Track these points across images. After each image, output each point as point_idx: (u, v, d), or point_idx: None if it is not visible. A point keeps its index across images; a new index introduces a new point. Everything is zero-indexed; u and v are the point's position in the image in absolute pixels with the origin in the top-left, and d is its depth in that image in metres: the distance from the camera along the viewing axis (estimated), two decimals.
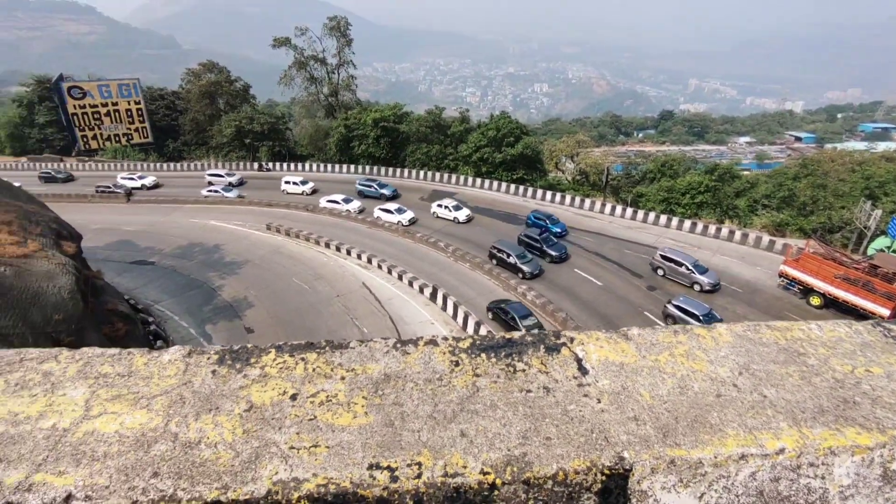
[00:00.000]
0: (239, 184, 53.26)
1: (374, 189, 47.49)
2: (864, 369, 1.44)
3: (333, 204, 45.00)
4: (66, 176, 57.18)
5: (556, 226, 38.71)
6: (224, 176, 53.78)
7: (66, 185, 55.85)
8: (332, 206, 44.97)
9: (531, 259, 33.33)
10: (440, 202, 43.23)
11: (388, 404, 1.28)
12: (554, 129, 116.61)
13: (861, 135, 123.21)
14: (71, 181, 56.75)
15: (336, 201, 45.08)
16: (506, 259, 33.42)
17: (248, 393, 1.30)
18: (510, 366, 1.42)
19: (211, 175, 54.43)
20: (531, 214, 40.50)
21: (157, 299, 32.47)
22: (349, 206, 44.28)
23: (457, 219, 41.57)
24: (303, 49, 67.01)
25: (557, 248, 35.01)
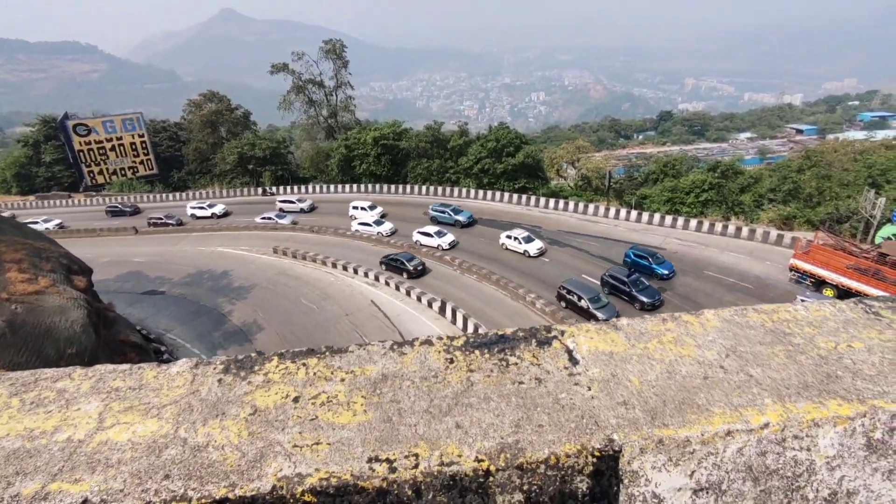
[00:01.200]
0: (311, 209, 51.70)
1: (449, 215, 42.90)
2: (847, 345, 1.48)
3: (427, 238, 39.52)
4: (133, 209, 57.30)
5: (661, 266, 31.85)
6: (296, 202, 51.95)
7: (133, 217, 55.49)
8: (426, 240, 39.54)
9: (606, 304, 28.44)
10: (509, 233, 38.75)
11: (386, 402, 1.33)
12: (553, 137, 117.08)
13: (860, 124, 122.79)
14: (138, 213, 56.57)
15: (429, 234, 39.57)
16: (576, 302, 28.48)
17: (253, 398, 1.36)
18: (503, 360, 1.47)
19: (283, 202, 52.47)
20: (630, 251, 33.44)
21: (168, 328, 32.70)
22: (441, 241, 38.98)
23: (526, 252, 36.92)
24: (300, 73, 68.10)
25: (649, 293, 29.07)
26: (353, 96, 72.99)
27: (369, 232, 43.20)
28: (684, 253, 35.27)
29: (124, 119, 70.69)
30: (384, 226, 43.39)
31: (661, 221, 40.52)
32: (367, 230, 43.33)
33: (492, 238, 39.96)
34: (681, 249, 35.84)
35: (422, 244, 39.56)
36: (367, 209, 46.56)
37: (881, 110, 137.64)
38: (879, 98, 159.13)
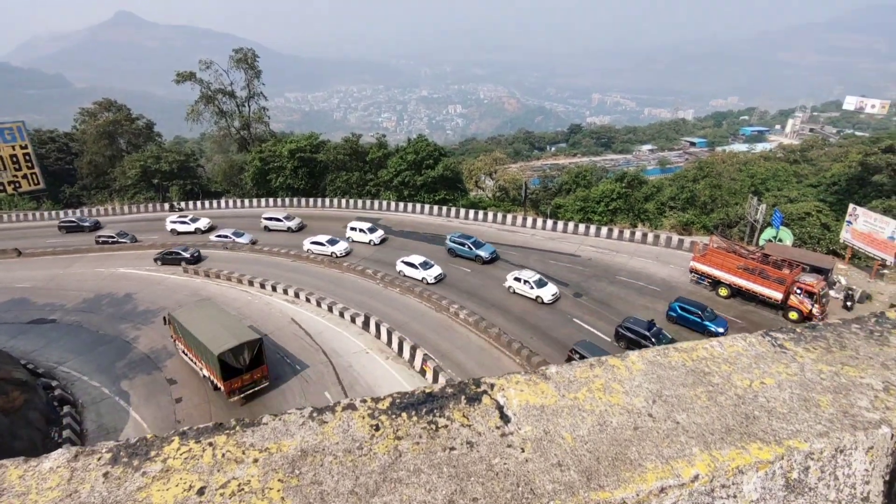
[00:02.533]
0: (299, 228, 46.27)
1: (468, 248, 37.49)
2: (759, 381, 1.54)
3: (411, 269, 35.68)
4: (94, 223, 51.94)
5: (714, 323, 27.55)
6: (283, 220, 46.34)
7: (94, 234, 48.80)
8: (410, 271, 35.71)
9: None
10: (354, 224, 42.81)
11: (307, 484, 1.20)
12: (471, 149, 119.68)
13: (742, 137, 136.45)
14: (100, 229, 50.48)
15: (414, 265, 35.55)
16: (640, 342, 25.48)
17: (148, 494, 1.17)
18: (432, 423, 1.38)
19: (268, 219, 47.05)
20: (675, 304, 28.90)
21: (60, 360, 29.53)
22: (426, 274, 34.94)
23: (372, 241, 41.05)
24: (209, 83, 64.84)
25: (720, 322, 27.56)
26: (266, 107, 70.44)
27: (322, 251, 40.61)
28: (598, 259, 37.15)
29: (2, 128, 63.41)
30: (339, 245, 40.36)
31: (575, 230, 42.48)
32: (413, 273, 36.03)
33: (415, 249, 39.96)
34: (594, 256, 37.72)
35: (405, 275, 35.75)
36: (365, 231, 42.23)
37: (759, 125, 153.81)
38: (757, 114, 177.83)
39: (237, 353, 23.98)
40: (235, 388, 24.45)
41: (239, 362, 24.12)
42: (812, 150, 77.56)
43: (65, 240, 48.83)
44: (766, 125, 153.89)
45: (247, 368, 24.49)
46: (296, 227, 45.93)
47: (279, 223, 46.31)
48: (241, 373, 24.36)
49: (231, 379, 24.19)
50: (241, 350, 24.06)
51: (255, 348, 24.64)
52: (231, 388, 24.30)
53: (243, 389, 24.73)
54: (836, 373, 1.58)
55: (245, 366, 24.38)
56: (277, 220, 46.57)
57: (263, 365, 25.29)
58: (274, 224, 46.48)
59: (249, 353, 24.43)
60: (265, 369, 25.40)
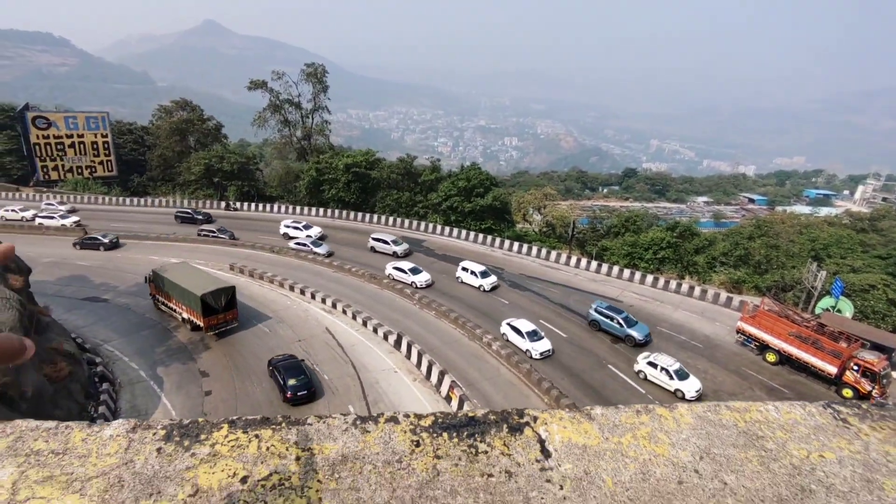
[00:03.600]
0: (320, 238, 46.38)
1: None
2: (818, 454, 1.46)
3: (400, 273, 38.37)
4: (206, 216, 52.77)
5: None
6: (390, 244, 43.94)
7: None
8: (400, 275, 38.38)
9: None
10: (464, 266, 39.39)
11: (345, 489, 1.22)
12: (522, 182, 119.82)
13: (806, 199, 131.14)
14: (210, 222, 51.54)
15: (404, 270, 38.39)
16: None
17: (195, 474, 1.22)
18: (472, 447, 1.38)
19: (376, 240, 44.90)
20: None
21: (107, 338, 30.88)
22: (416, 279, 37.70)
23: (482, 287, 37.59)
24: (279, 92, 67.96)
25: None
26: (329, 121, 73.13)
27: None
28: (640, 307, 36.09)
29: (88, 116, 68.41)
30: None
31: (620, 274, 41.54)
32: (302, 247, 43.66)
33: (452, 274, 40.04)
34: (637, 303, 36.68)
35: (394, 279, 38.27)
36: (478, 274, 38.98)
37: (826, 189, 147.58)
38: (824, 177, 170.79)
39: (216, 295, 29.95)
40: (212, 325, 30.32)
41: (216, 303, 30.01)
42: (883, 220, 73.52)
43: (125, 226, 51.42)
44: (833, 189, 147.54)
45: (222, 309, 30.38)
46: (402, 253, 43.44)
47: (386, 246, 43.90)
48: (218, 312, 30.28)
49: (209, 317, 30.01)
50: (219, 294, 30.12)
51: (229, 294, 30.68)
52: (209, 324, 30.12)
53: (218, 327, 30.63)
54: None
55: (221, 307, 30.28)
56: (385, 242, 44.12)
57: (235, 309, 31.24)
58: (381, 246, 44.17)
59: (225, 297, 30.37)
60: (236, 313, 31.34)
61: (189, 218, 52.69)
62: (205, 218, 52.41)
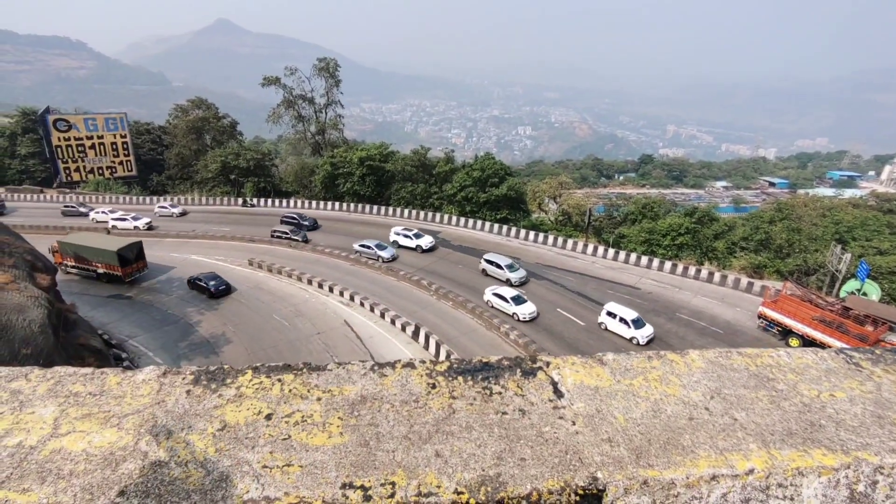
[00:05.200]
0: (432, 248, 43.39)
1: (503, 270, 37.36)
2: (829, 394, 1.48)
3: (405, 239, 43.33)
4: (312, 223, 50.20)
5: None
6: (412, 238, 43.32)
7: None
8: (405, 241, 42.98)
9: None
10: None
11: (364, 425, 1.28)
12: (537, 171, 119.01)
13: (829, 181, 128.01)
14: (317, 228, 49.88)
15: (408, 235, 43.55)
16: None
17: (223, 412, 1.28)
18: (486, 388, 1.43)
19: (398, 234, 44.26)
20: None
21: (131, 334, 31.62)
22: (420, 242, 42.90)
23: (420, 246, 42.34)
24: (292, 88, 68.30)
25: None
26: (342, 115, 73.36)
27: None
28: (658, 294, 35.78)
29: (107, 118, 69.61)
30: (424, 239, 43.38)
31: (638, 262, 41.16)
32: None
33: (470, 265, 40.08)
34: (655, 290, 36.36)
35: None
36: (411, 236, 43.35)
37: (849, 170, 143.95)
38: (848, 158, 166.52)
39: (128, 249, 37.43)
40: (128, 273, 37.48)
41: (130, 255, 37.40)
42: None
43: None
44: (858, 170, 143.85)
45: (134, 260, 37.75)
46: (427, 247, 42.95)
47: (500, 271, 38.79)
48: (131, 263, 37.64)
49: (125, 267, 37.18)
50: (131, 248, 37.81)
51: (137, 248, 38.31)
52: (125, 272, 37.24)
53: (133, 275, 37.80)
54: None
55: (133, 259, 37.68)
56: (499, 266, 39.10)
57: (143, 260, 38.70)
58: (494, 270, 39.24)
59: (135, 251, 37.98)
60: (145, 263, 38.86)
61: (295, 223, 49.52)
62: (311, 224, 49.69)
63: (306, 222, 49.72)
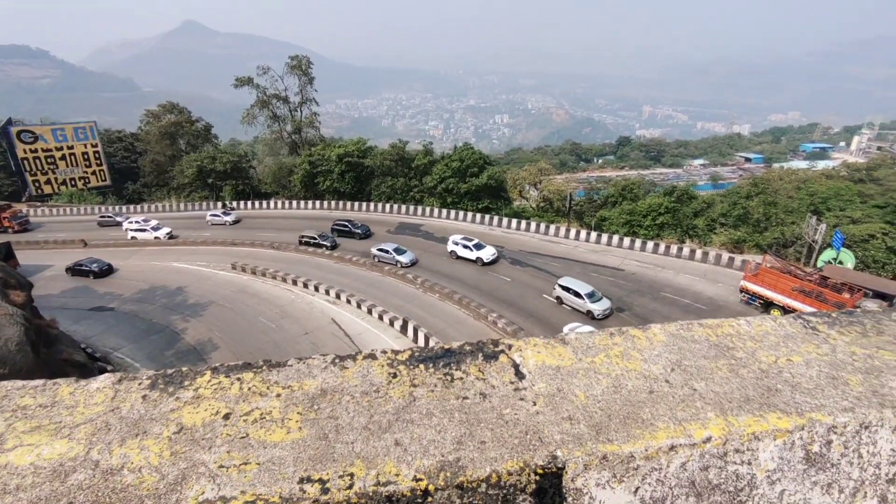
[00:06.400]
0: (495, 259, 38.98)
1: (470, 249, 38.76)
2: (786, 359, 1.51)
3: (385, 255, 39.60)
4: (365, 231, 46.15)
5: None
6: (472, 248, 39.17)
7: None
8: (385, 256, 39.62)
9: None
10: None
11: (324, 418, 1.27)
12: (516, 159, 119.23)
13: (803, 154, 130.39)
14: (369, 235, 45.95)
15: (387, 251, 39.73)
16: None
17: (180, 415, 1.26)
18: (448, 374, 1.42)
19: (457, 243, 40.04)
20: None
21: (116, 346, 31.13)
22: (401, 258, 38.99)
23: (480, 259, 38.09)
24: (265, 88, 67.37)
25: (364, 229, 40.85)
26: (317, 113, 72.60)
27: None
28: (642, 274, 36.21)
29: (76, 127, 68.04)
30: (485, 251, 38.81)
31: (620, 243, 41.57)
32: None
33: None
34: (639, 271, 36.79)
35: (458, 256, 38.84)
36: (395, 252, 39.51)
37: (822, 142, 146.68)
38: (820, 130, 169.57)
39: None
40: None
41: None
42: (880, 170, 73.07)
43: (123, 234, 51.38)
44: (829, 142, 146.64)
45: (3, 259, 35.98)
46: (488, 259, 38.36)
47: (468, 251, 39.19)
48: None
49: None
50: None
51: (5, 248, 37.07)
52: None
53: None
54: (871, 355, 1.53)
55: (2, 257, 35.84)
56: (467, 247, 39.37)
57: (14, 259, 37.05)
58: (462, 251, 39.52)
59: (4, 250, 36.49)
60: (17, 262, 37.06)
61: (347, 231, 45.80)
62: (364, 232, 45.80)
63: (359, 230, 45.59)
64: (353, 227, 45.98)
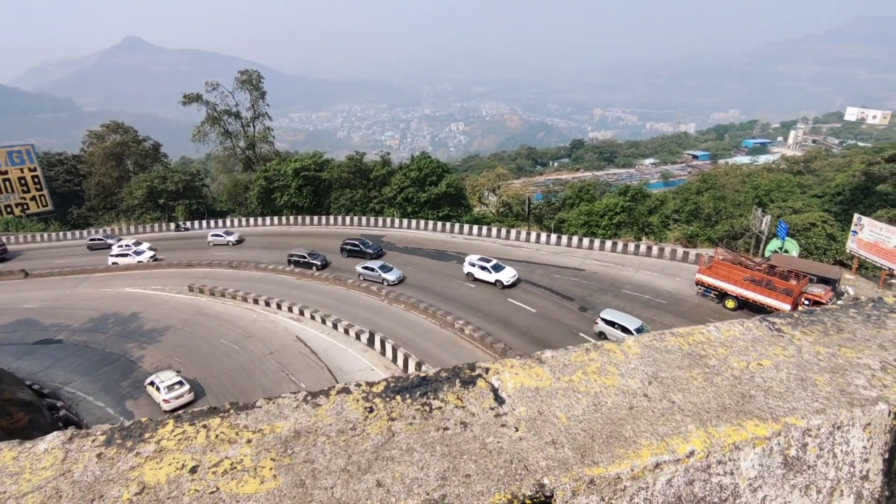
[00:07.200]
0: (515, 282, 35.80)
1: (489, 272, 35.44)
2: (757, 363, 1.53)
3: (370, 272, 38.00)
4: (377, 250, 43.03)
5: None
6: (491, 271, 35.95)
7: None
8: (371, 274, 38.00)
9: None
10: None
11: (299, 463, 1.20)
12: (474, 165, 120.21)
13: (745, 150, 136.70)
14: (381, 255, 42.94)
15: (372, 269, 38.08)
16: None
17: (141, 473, 1.17)
18: (426, 405, 1.38)
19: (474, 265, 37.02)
20: None
21: (66, 380, 29.50)
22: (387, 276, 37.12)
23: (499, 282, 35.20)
24: (215, 104, 65.76)
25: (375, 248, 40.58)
26: (271, 127, 71.34)
27: None
28: (603, 273, 37.02)
29: (10, 151, 64.48)
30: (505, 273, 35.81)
31: (580, 244, 42.41)
32: None
33: (418, 265, 40.03)
34: (599, 269, 37.59)
35: (475, 278, 36.11)
36: None
37: (761, 137, 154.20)
38: (759, 127, 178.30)
39: None
40: None
41: None
42: (815, 161, 77.50)
43: (71, 261, 48.95)
44: (768, 137, 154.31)
45: None
46: (508, 282, 35.39)
47: (486, 273, 36.26)
48: None
49: None
50: None
51: None
52: None
53: None
54: (834, 354, 1.57)
55: None
56: (485, 268, 36.42)
57: None
58: (480, 273, 36.53)
59: None
60: None
61: (357, 251, 42.78)
62: (377, 251, 42.82)
63: (370, 249, 42.45)
64: (364, 247, 42.71)
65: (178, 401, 26.31)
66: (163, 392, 26.24)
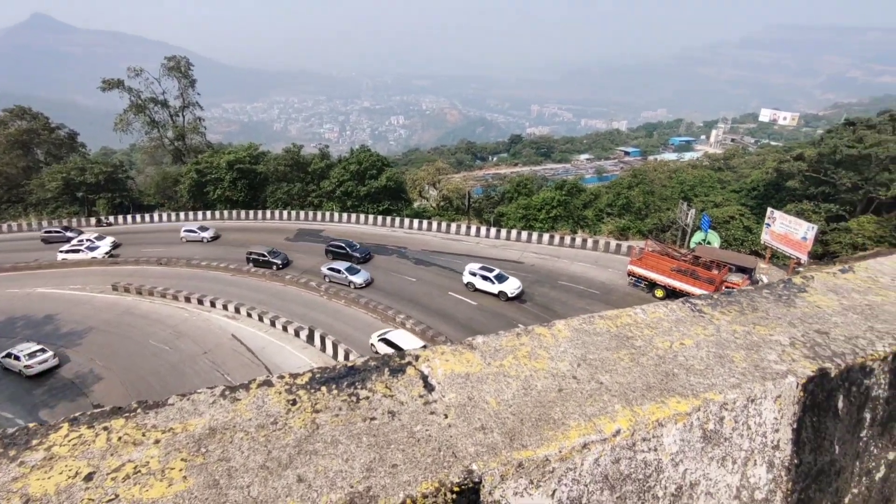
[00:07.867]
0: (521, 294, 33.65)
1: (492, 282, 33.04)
2: (679, 343, 1.59)
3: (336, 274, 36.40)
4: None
5: None
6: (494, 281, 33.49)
7: None
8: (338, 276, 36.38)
9: None
10: None
11: (213, 462, 1.11)
12: (414, 159, 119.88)
13: (672, 147, 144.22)
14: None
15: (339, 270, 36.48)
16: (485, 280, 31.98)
17: (25, 484, 1.04)
18: (353, 395, 1.32)
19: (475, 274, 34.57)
20: None
21: None
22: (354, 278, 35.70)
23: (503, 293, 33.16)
24: (139, 91, 61.80)
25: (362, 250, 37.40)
26: (202, 118, 67.92)
27: None
28: (540, 265, 38.00)
29: None
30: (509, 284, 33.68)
31: (518, 237, 43.32)
32: None
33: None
34: (537, 262, 38.56)
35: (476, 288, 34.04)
36: None
37: (687, 135, 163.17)
38: (684, 126, 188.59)
39: None
40: None
41: None
42: (734, 159, 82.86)
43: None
44: (693, 136, 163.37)
45: None
46: (512, 294, 33.07)
47: (489, 284, 33.83)
48: None
49: None
50: None
51: None
52: None
53: None
54: (749, 332, 1.65)
55: None
56: (487, 278, 33.92)
57: None
58: (482, 284, 34.11)
59: None
60: None
61: (343, 254, 39.91)
62: (364, 255, 40.21)
63: (357, 253, 39.84)
64: (350, 250, 40.06)
65: (41, 366, 25.69)
66: (23, 360, 25.34)
